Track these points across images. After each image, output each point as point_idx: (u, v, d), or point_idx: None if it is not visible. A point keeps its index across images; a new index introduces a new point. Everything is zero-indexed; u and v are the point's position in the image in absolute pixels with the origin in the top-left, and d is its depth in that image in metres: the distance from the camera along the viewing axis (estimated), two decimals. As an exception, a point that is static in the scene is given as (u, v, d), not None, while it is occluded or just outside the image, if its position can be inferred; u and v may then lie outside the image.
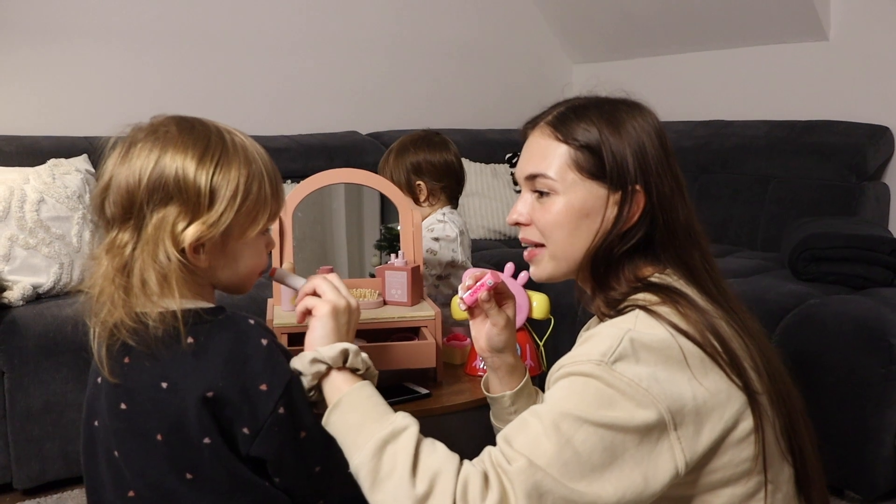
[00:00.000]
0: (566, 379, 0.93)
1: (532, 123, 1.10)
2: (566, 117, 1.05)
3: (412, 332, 1.63)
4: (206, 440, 0.95)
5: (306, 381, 1.01)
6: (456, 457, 0.91)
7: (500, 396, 1.23)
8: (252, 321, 1.00)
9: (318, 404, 1.03)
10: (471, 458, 0.93)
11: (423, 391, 1.50)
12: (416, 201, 2.07)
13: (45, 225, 2.33)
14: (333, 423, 0.98)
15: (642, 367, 0.90)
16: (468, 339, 1.71)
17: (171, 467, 0.97)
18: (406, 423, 0.94)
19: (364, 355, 1.05)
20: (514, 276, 1.61)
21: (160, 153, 0.96)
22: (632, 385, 0.89)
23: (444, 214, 2.07)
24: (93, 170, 2.66)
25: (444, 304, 1.91)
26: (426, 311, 1.58)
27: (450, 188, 2.11)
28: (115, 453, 1.01)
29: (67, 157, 2.63)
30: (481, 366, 1.62)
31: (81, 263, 2.37)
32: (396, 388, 1.51)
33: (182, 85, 3.22)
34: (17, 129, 2.79)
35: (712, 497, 0.95)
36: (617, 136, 1.02)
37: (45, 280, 2.31)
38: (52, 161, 2.54)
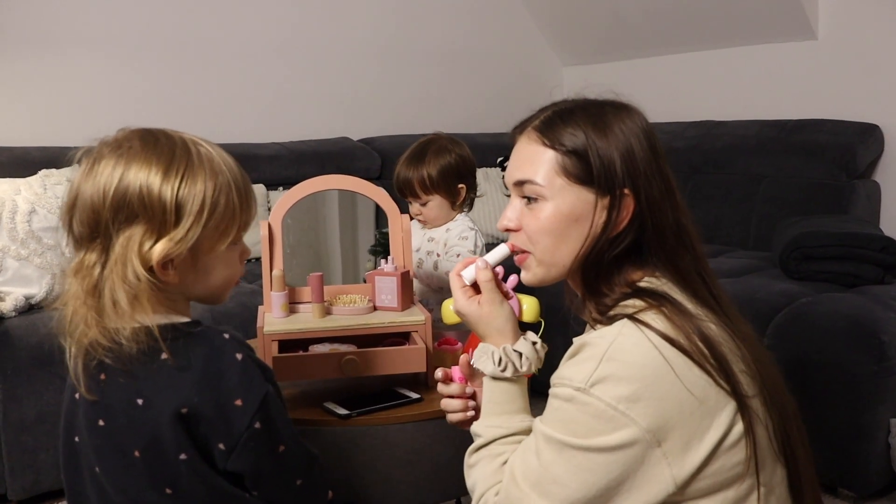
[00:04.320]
0: (554, 400, 0.97)
1: (520, 128, 1.08)
2: (552, 122, 1.04)
3: (402, 338, 1.63)
4: (183, 456, 0.95)
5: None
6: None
7: None
8: (227, 335, 1.00)
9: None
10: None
11: (415, 396, 1.50)
12: (453, 205, 2.01)
13: (37, 236, 2.33)
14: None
15: (623, 386, 0.91)
16: (459, 344, 1.72)
17: (150, 483, 0.97)
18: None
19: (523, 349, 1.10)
20: (504, 279, 1.62)
21: (124, 168, 0.95)
22: (609, 408, 0.91)
23: (472, 222, 2.05)
24: (84, 180, 2.66)
25: (433, 308, 1.91)
26: (416, 316, 1.58)
27: (475, 190, 2.08)
28: (97, 469, 1.01)
29: (58, 167, 2.62)
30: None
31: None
32: (387, 393, 1.52)
33: (173, 94, 3.22)
34: (7, 139, 2.79)
35: (706, 501, 0.95)
36: (604, 139, 1.00)
37: (38, 291, 2.31)
38: (43, 172, 2.54)
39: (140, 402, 0.96)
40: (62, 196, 2.38)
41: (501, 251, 1.12)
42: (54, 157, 2.69)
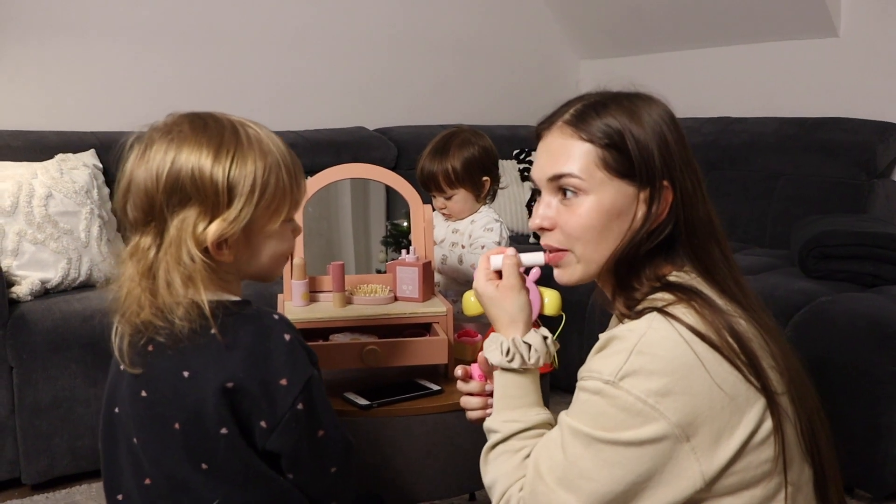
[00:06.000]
0: (582, 393, 0.96)
1: (547, 123, 1.06)
2: (586, 115, 1.01)
3: (423, 329, 1.62)
4: (223, 430, 0.96)
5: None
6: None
7: None
8: (277, 316, 1.01)
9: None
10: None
11: (435, 387, 1.50)
12: (477, 197, 2.01)
13: (53, 220, 2.33)
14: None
15: (653, 380, 0.90)
16: (479, 336, 1.71)
17: (187, 457, 0.98)
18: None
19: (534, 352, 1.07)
20: (526, 272, 1.61)
21: (175, 152, 0.97)
22: (638, 402, 0.90)
23: (496, 213, 2.04)
24: (100, 165, 2.66)
25: (455, 299, 1.90)
26: (437, 307, 1.57)
27: (499, 181, 2.07)
28: (134, 440, 1.02)
29: (75, 152, 2.62)
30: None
31: (90, 258, 2.37)
32: (407, 385, 1.51)
33: (188, 80, 3.21)
34: (24, 124, 2.78)
35: (733, 499, 0.94)
36: (641, 130, 0.99)
37: (54, 275, 2.31)
38: (59, 156, 2.54)
39: (186, 374, 0.97)
40: (78, 181, 2.39)
41: (537, 258, 1.10)
42: (71, 142, 2.69)
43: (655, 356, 0.91)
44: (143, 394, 1.00)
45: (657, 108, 1.02)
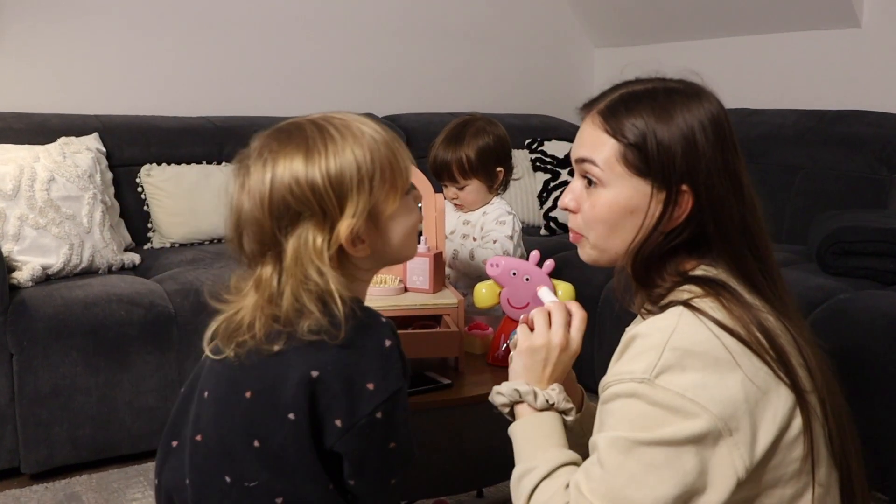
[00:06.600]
0: (613, 402, 0.93)
1: (587, 108, 1.07)
2: (617, 109, 1.01)
3: (434, 321, 1.58)
4: (291, 416, 0.95)
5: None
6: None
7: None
8: (384, 319, 1.00)
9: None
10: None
11: (445, 381, 1.46)
12: (490, 188, 1.97)
13: (56, 204, 2.29)
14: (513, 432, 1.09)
15: (689, 374, 0.88)
16: (490, 329, 1.67)
17: (244, 427, 0.97)
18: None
19: (546, 394, 1.07)
20: (540, 264, 1.57)
21: (272, 171, 0.96)
22: (677, 397, 0.87)
23: (508, 205, 1.99)
24: (103, 149, 2.62)
25: (466, 293, 1.86)
26: (448, 298, 1.54)
27: (512, 172, 2.03)
28: (206, 394, 1.02)
29: (78, 135, 2.59)
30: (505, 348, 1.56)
31: (92, 244, 2.34)
32: (417, 378, 1.47)
33: (195, 65, 3.17)
34: (26, 106, 2.75)
35: (764, 498, 0.92)
36: (665, 132, 0.98)
37: (55, 261, 2.27)
38: (62, 139, 2.51)
39: (276, 348, 0.96)
40: (81, 165, 2.33)
41: (550, 296, 1.25)
42: (74, 125, 2.67)
43: (688, 351, 0.89)
44: (232, 354, 0.99)
45: (697, 109, 1.00)
